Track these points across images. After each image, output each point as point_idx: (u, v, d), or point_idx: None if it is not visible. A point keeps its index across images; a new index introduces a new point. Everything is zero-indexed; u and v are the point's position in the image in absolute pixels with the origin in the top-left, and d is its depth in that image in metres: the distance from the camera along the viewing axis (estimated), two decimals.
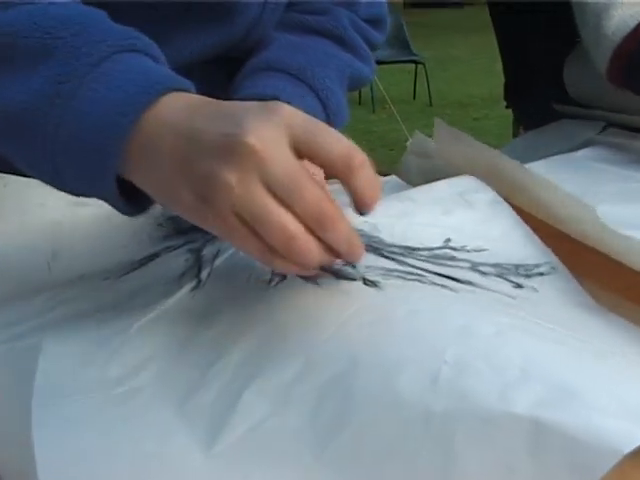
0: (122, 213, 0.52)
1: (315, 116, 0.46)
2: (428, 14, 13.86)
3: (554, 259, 0.58)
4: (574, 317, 0.51)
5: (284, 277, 0.52)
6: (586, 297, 0.54)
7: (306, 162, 0.45)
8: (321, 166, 0.45)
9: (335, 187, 0.49)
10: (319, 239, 0.44)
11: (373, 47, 0.83)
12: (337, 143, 0.45)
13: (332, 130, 0.45)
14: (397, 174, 0.87)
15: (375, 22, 0.83)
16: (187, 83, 0.50)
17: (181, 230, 0.66)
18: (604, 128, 1.05)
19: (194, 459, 0.40)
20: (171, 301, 0.53)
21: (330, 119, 0.73)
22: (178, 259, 0.59)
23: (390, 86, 6.28)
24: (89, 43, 0.48)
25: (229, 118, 0.45)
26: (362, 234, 0.58)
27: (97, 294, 0.57)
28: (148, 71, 0.49)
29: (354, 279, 0.51)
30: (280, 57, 0.73)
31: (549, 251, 0.59)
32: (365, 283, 0.50)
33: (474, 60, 8.47)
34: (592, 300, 0.54)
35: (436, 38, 10.18)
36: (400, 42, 6.59)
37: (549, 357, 0.41)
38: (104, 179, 0.48)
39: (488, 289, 0.52)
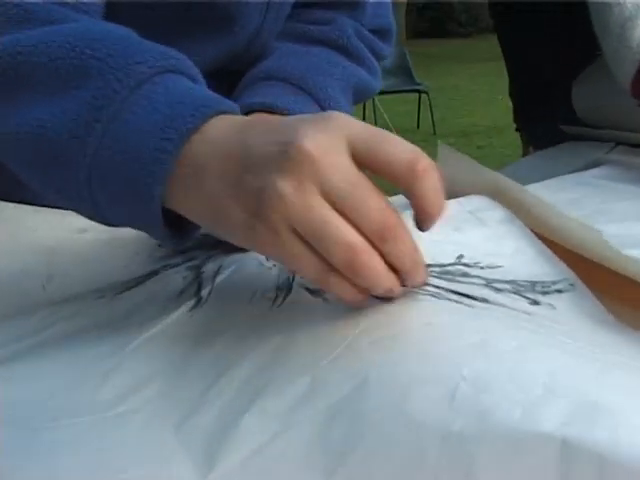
0: (165, 244, 0.49)
1: None
2: (431, 45, 13.93)
3: (572, 276, 0.55)
4: (595, 333, 0.48)
5: (288, 293, 0.50)
6: (607, 314, 0.51)
7: None
8: (383, 173, 0.41)
9: None
10: (382, 256, 0.41)
11: (380, 58, 0.81)
12: (401, 147, 0.41)
13: (394, 136, 0.42)
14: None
15: (381, 33, 0.81)
16: (233, 105, 0.47)
17: (181, 250, 0.64)
18: (613, 147, 1.03)
19: None
20: (169, 320, 0.50)
21: None
22: (177, 277, 0.57)
23: (394, 115, 6.30)
24: (129, 64, 0.46)
25: (283, 129, 0.42)
26: None
27: (91, 313, 0.54)
28: (192, 93, 0.46)
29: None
30: (281, 66, 0.71)
31: (566, 268, 0.56)
32: (376, 296, 0.47)
33: (477, 90, 8.51)
34: (613, 317, 0.51)
35: (439, 68, 10.22)
36: (403, 72, 6.62)
37: (575, 371, 0.38)
38: (148, 207, 0.45)
39: (504, 306, 0.49)
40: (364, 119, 6.09)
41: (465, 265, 0.56)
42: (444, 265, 0.55)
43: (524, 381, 0.36)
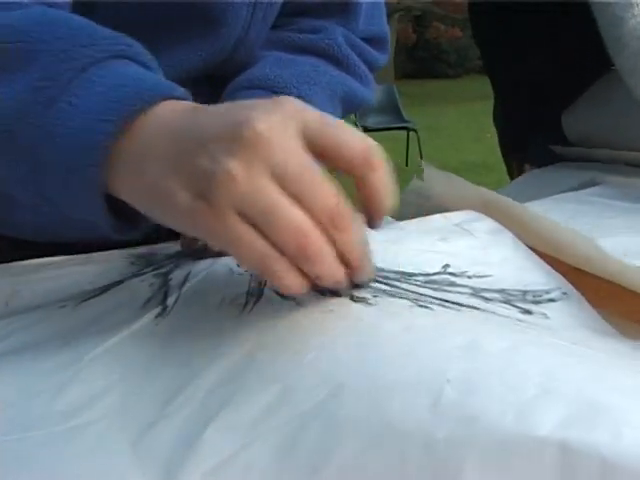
0: (111, 232, 0.47)
1: None
2: (420, 85, 14.03)
3: (565, 284, 0.51)
4: (591, 340, 0.44)
5: (259, 299, 0.46)
6: (603, 323, 0.48)
7: None
8: (335, 161, 0.40)
9: None
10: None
11: (373, 67, 0.78)
12: (355, 136, 0.40)
13: (347, 125, 0.41)
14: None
15: (375, 41, 0.79)
16: (184, 92, 0.45)
17: (151, 262, 0.60)
18: (608, 167, 1.01)
19: None
20: (132, 328, 0.46)
21: None
22: (143, 284, 0.53)
23: (383, 153, 6.29)
24: (76, 47, 0.44)
25: (235, 111, 0.40)
26: None
27: (52, 322, 0.51)
28: (140, 78, 0.45)
29: (340, 296, 0.44)
30: (265, 74, 0.69)
31: (559, 276, 0.53)
32: (352, 299, 0.44)
33: (465, 128, 8.55)
34: (610, 326, 0.47)
35: (428, 107, 10.26)
36: (392, 109, 6.66)
37: (572, 370, 0.34)
38: (88, 192, 0.43)
39: (494, 313, 0.45)
40: None
41: (452, 274, 0.52)
42: (429, 274, 0.52)
43: (516, 381, 0.33)
